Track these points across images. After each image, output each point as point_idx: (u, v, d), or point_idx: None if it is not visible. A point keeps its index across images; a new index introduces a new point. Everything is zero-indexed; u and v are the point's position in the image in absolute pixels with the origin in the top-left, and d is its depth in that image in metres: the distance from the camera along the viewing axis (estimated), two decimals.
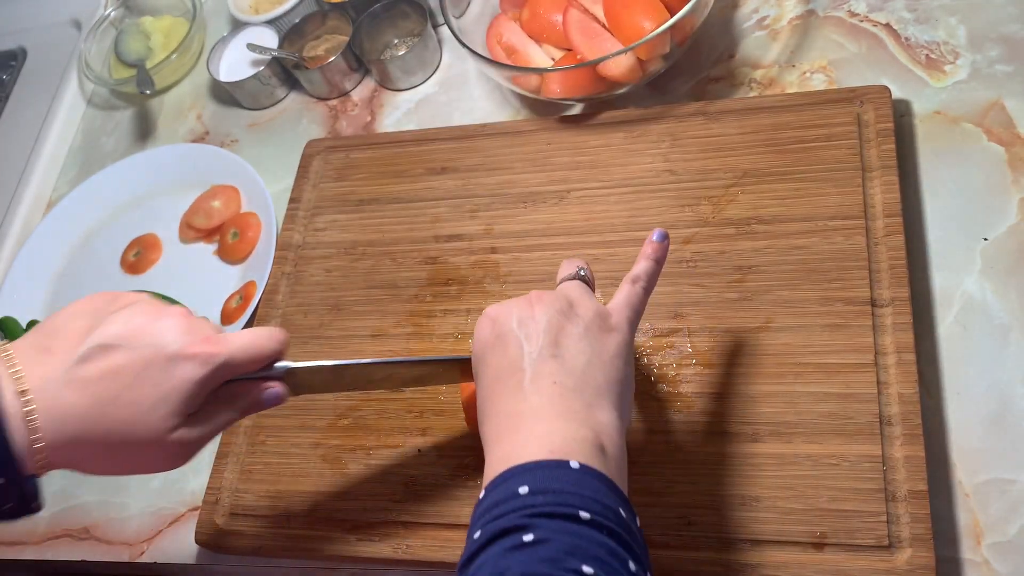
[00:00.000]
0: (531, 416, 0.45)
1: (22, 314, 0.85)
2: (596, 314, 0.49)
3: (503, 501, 0.41)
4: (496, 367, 0.48)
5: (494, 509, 0.41)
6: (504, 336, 0.49)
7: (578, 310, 0.49)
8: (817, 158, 0.66)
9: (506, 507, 0.40)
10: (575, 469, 0.41)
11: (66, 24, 1.09)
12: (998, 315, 0.60)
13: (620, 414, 0.47)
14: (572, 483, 0.41)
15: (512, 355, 0.48)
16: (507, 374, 0.47)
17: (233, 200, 0.85)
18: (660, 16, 0.70)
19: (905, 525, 0.52)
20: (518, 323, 0.49)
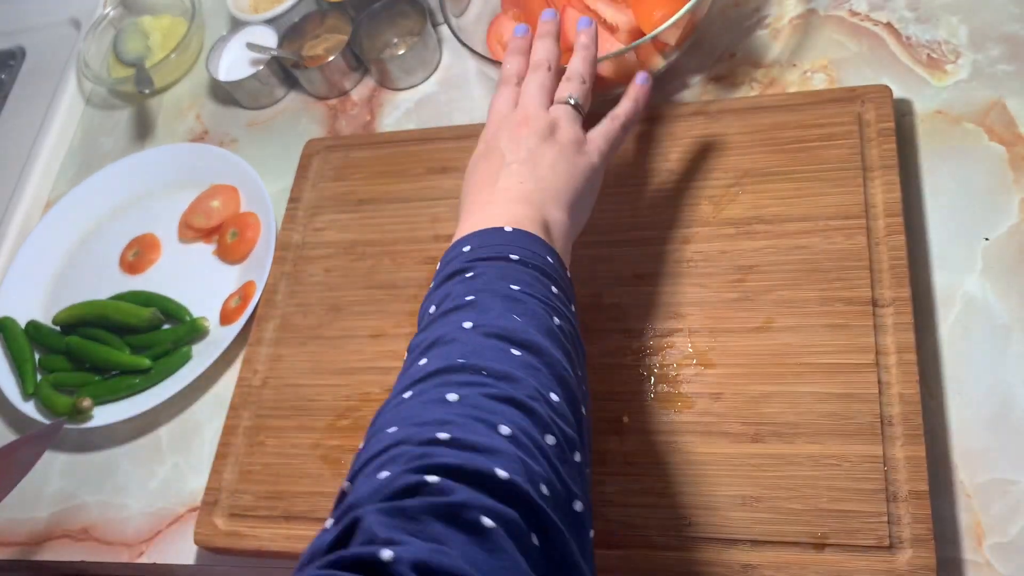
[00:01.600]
0: (492, 203, 0.54)
1: (21, 314, 0.85)
2: (573, 139, 0.58)
3: (453, 258, 0.51)
4: (481, 172, 0.58)
5: (445, 265, 0.51)
6: (492, 150, 0.58)
7: (558, 135, 0.58)
8: (818, 158, 0.66)
9: (454, 260, 0.50)
10: (509, 231, 0.51)
11: (65, 24, 1.08)
12: (999, 315, 0.60)
13: (571, 218, 0.56)
14: (506, 239, 0.50)
15: (494, 164, 0.57)
16: (486, 176, 0.57)
17: (232, 200, 0.84)
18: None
19: (906, 526, 0.52)
20: (506, 141, 0.58)
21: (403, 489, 0.35)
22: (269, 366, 0.73)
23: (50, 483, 0.77)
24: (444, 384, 0.40)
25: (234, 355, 0.77)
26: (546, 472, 0.38)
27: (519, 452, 0.37)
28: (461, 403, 0.39)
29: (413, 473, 0.35)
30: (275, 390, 0.72)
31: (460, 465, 0.35)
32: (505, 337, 0.43)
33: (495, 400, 0.40)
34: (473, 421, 0.38)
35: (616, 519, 0.58)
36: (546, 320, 0.46)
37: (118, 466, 0.75)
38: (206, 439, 0.74)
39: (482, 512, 0.34)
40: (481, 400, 0.39)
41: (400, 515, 0.33)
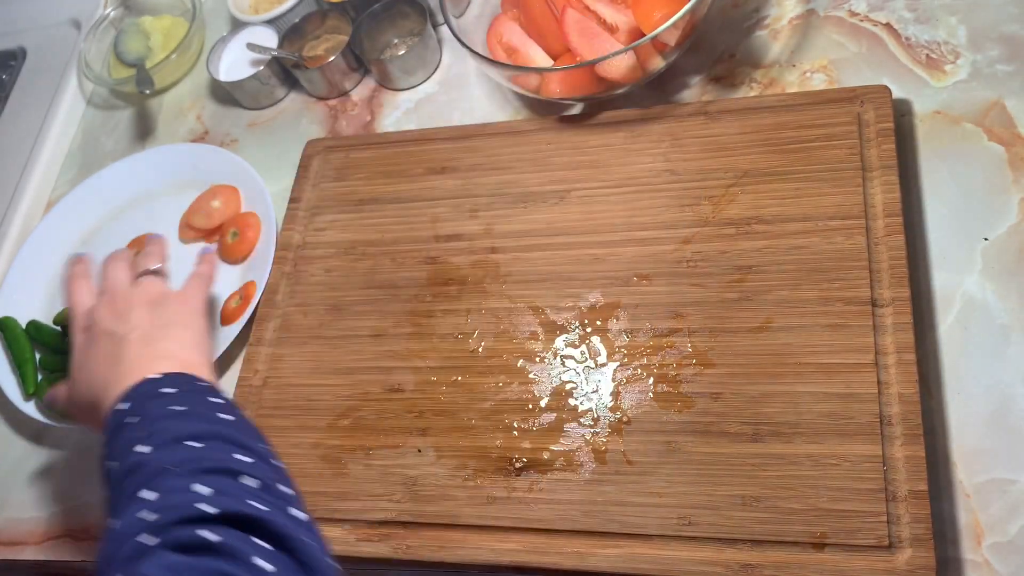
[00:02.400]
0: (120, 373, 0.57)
1: (21, 314, 0.85)
2: (174, 298, 0.64)
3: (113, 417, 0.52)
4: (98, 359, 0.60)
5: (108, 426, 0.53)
6: (98, 336, 0.61)
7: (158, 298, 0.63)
8: (817, 158, 0.66)
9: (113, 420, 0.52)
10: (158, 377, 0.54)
11: (66, 24, 1.09)
12: (999, 315, 0.60)
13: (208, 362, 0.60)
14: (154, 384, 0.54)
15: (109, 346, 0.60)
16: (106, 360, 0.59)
17: (233, 200, 0.84)
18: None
19: (905, 525, 0.52)
20: (109, 322, 0.61)
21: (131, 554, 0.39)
22: (270, 366, 0.73)
23: (51, 483, 0.77)
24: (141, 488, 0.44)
25: (234, 355, 0.77)
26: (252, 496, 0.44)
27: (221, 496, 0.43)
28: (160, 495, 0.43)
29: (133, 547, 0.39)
30: (276, 390, 0.72)
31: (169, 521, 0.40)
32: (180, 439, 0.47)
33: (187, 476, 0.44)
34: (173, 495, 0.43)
35: (616, 519, 0.58)
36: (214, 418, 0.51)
37: None
38: None
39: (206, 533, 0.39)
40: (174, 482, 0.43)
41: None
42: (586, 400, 0.63)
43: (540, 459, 0.62)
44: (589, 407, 0.63)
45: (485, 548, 0.60)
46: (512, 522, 0.60)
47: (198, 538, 0.37)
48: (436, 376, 0.68)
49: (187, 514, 0.39)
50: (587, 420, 0.62)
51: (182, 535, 0.37)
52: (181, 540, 0.37)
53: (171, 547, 0.37)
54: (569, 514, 0.59)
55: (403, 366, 0.69)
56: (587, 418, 0.62)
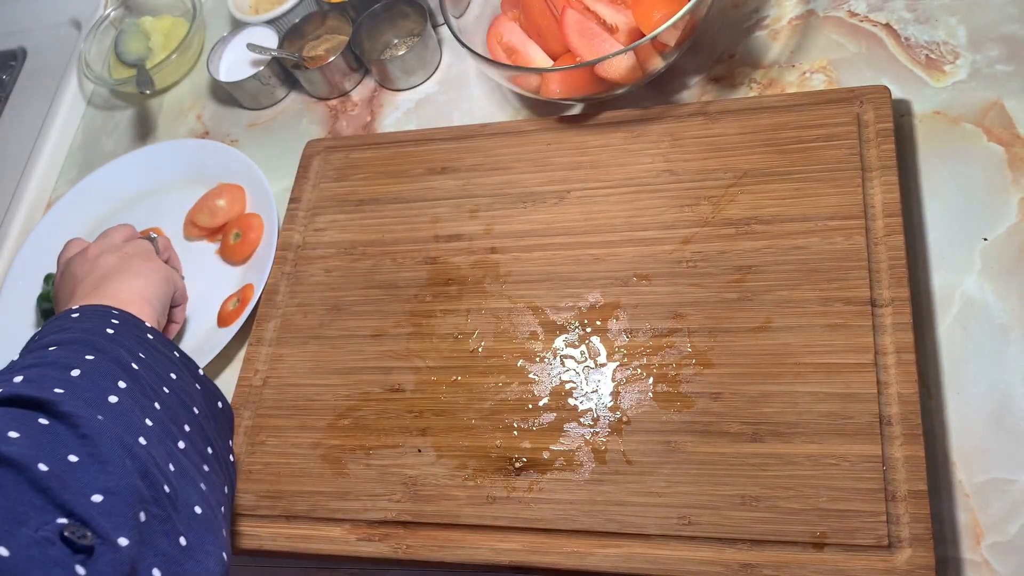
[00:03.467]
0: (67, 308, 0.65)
1: (22, 313, 0.85)
2: (143, 253, 0.73)
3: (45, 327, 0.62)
4: (59, 297, 0.72)
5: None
6: (66, 275, 0.72)
7: (128, 250, 0.73)
8: (817, 158, 0.66)
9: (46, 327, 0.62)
10: (73, 314, 0.61)
11: (66, 24, 1.09)
12: (998, 315, 0.60)
13: (151, 307, 0.68)
14: (66, 317, 0.61)
15: (70, 286, 0.70)
16: (64, 299, 0.70)
17: (238, 200, 0.84)
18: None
19: (905, 525, 0.52)
20: (77, 265, 0.71)
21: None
22: (270, 366, 0.73)
23: None
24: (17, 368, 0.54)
25: (234, 355, 0.77)
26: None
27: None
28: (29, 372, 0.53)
29: None
30: (276, 390, 0.72)
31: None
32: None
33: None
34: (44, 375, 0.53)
35: (616, 519, 0.58)
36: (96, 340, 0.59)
37: None
38: None
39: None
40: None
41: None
42: (586, 400, 0.63)
43: (540, 459, 0.62)
44: (589, 407, 0.63)
45: (485, 548, 0.60)
46: (512, 522, 0.60)
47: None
48: (436, 376, 0.68)
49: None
50: (587, 420, 0.62)
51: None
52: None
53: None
54: (569, 514, 0.59)
55: (403, 366, 0.69)
56: (587, 418, 0.62)
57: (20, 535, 0.39)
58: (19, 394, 0.47)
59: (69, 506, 0.42)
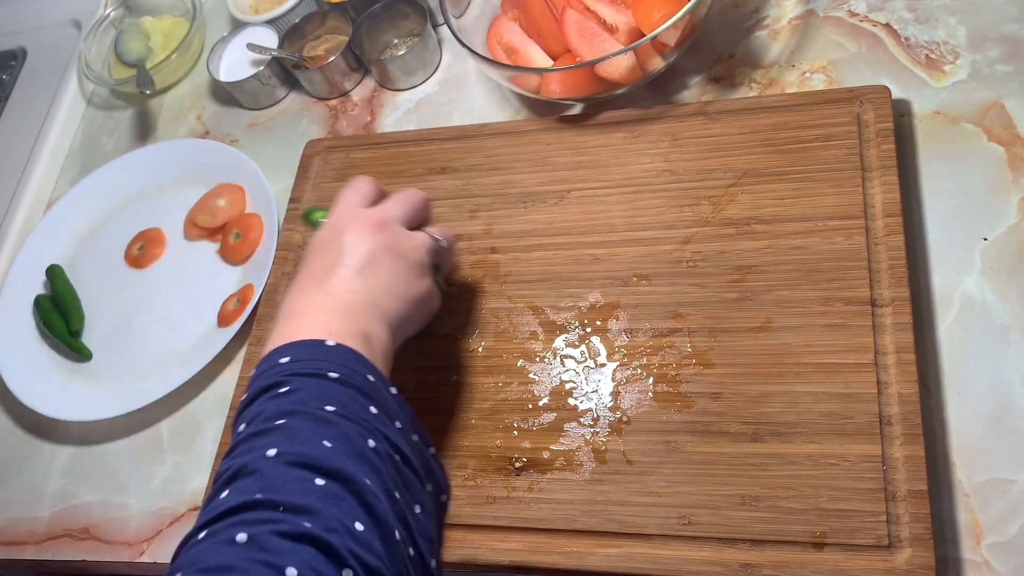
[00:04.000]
0: (315, 310, 0.52)
1: (23, 312, 0.85)
2: (419, 263, 0.57)
3: (269, 368, 0.48)
4: (315, 265, 0.56)
5: (261, 375, 0.48)
6: (333, 242, 0.56)
7: (407, 252, 0.57)
8: (817, 158, 0.66)
9: (270, 372, 0.48)
10: (331, 346, 0.49)
11: (66, 24, 1.09)
12: (998, 315, 0.60)
13: (394, 337, 0.55)
14: (326, 354, 0.49)
15: (330, 259, 0.55)
16: (319, 270, 0.55)
17: (238, 200, 0.84)
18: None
19: (905, 525, 0.52)
20: (352, 237, 0.56)
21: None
22: None
23: (51, 483, 0.77)
24: (237, 524, 0.39)
25: (234, 354, 0.77)
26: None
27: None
28: (249, 545, 0.38)
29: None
30: None
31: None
32: (310, 466, 0.42)
33: (287, 538, 0.38)
34: (257, 565, 0.37)
35: (616, 519, 0.58)
36: (359, 443, 0.44)
37: (119, 466, 0.76)
38: (207, 438, 0.74)
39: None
40: (271, 540, 0.38)
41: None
42: (586, 400, 0.63)
43: (540, 459, 0.62)
44: (589, 407, 0.63)
45: (485, 548, 0.60)
46: (512, 522, 0.60)
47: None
48: (436, 376, 0.68)
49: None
50: (587, 420, 0.62)
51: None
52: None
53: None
54: (569, 514, 0.59)
55: (403, 366, 0.69)
56: (587, 418, 0.62)
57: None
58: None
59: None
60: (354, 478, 0.42)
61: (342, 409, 0.45)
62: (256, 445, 0.43)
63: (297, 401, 0.45)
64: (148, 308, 0.83)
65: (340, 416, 0.45)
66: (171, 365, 0.78)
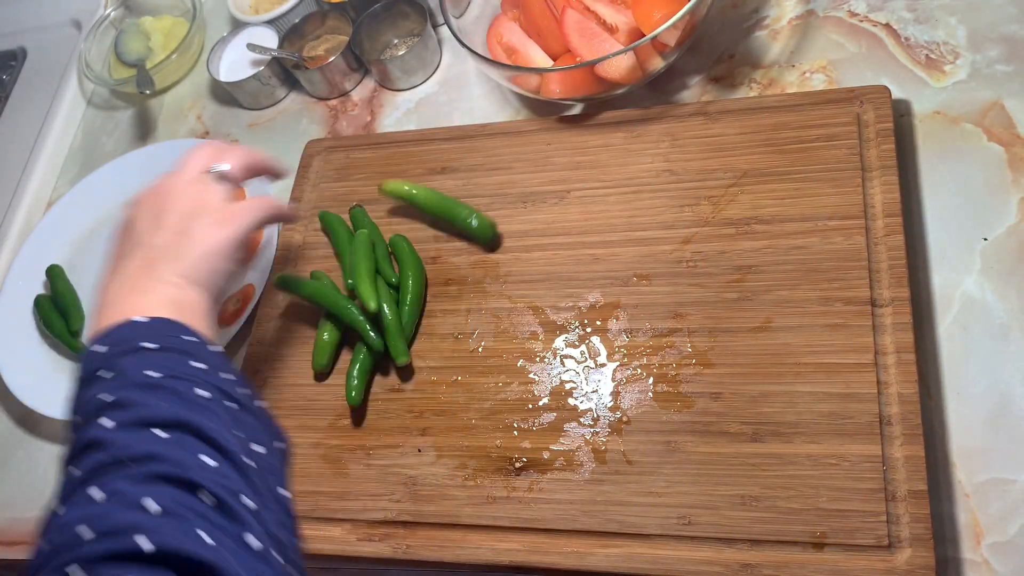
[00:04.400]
0: (121, 296, 0.54)
1: (24, 311, 0.85)
2: (215, 210, 0.59)
3: (90, 362, 0.49)
4: (119, 247, 0.58)
5: (84, 370, 0.49)
6: (131, 221, 0.59)
7: (206, 201, 0.59)
8: (817, 158, 0.66)
9: (91, 363, 0.49)
10: (143, 321, 0.51)
11: (66, 24, 1.09)
12: (998, 315, 0.60)
13: (208, 292, 0.56)
14: (139, 330, 0.50)
15: (130, 240, 0.58)
16: (121, 253, 0.57)
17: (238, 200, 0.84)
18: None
19: (905, 525, 0.52)
20: (145, 213, 0.58)
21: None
22: (270, 366, 0.73)
23: (51, 482, 0.77)
24: (91, 485, 0.42)
25: (234, 354, 0.77)
26: (204, 526, 0.40)
27: (167, 519, 0.39)
28: (107, 498, 0.40)
29: (56, 574, 0.37)
30: (276, 390, 0.72)
31: (101, 553, 0.38)
32: (147, 423, 0.44)
33: (139, 482, 0.41)
34: (118, 508, 0.40)
35: (616, 519, 0.58)
36: (189, 395, 0.47)
37: None
38: None
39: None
40: (125, 486, 0.41)
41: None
42: (586, 400, 0.63)
43: (540, 459, 0.62)
44: (589, 407, 0.63)
45: (485, 548, 0.60)
46: (512, 522, 0.60)
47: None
48: (436, 376, 0.68)
49: (121, 548, 0.38)
50: (587, 420, 0.62)
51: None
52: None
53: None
54: (569, 514, 0.59)
55: (403, 366, 0.69)
56: (587, 418, 0.62)
57: None
58: (174, 549, 0.39)
59: None
60: (191, 421, 0.45)
61: (166, 372, 0.48)
62: (94, 423, 0.45)
63: (121, 379, 0.47)
64: None
65: (166, 377, 0.47)
66: None
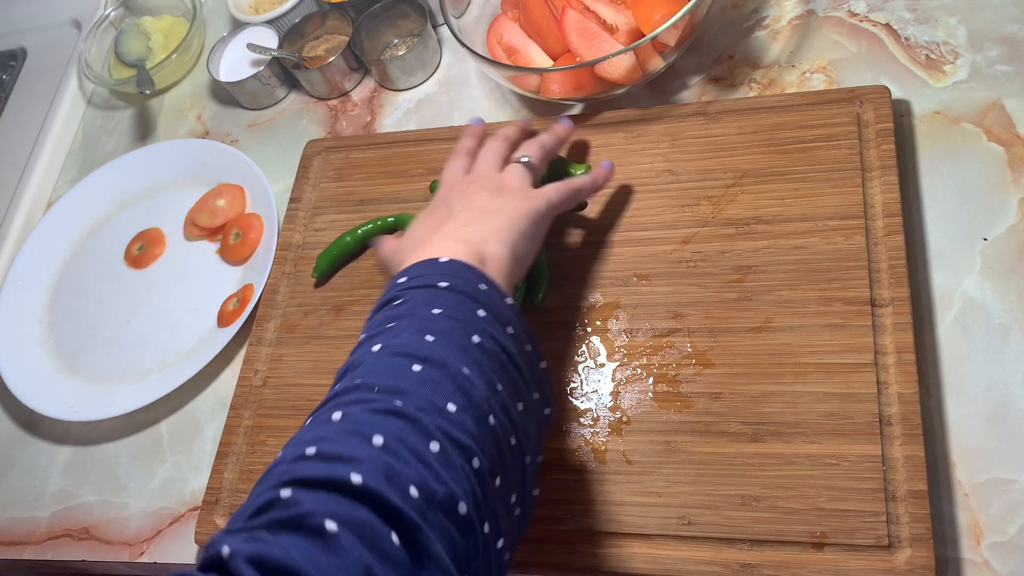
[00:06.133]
0: (432, 242, 0.56)
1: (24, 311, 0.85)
2: (519, 188, 0.61)
3: (389, 289, 0.52)
4: (426, 223, 0.60)
5: (383, 296, 0.52)
6: (439, 205, 0.61)
7: (505, 187, 0.61)
8: (817, 158, 0.66)
9: (389, 291, 0.51)
10: (444, 261, 0.52)
11: (66, 24, 1.09)
12: (998, 315, 0.60)
13: (511, 254, 0.56)
14: (438, 268, 0.51)
15: (440, 216, 0.60)
16: (430, 225, 0.59)
17: (238, 200, 0.85)
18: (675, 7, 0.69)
19: (905, 525, 0.52)
20: (455, 197, 0.61)
21: (258, 508, 0.37)
22: (270, 366, 0.73)
23: (51, 483, 0.77)
24: (335, 405, 0.43)
25: (234, 355, 0.77)
26: (420, 476, 0.39)
27: (388, 458, 0.39)
28: (343, 420, 0.41)
29: (271, 489, 0.38)
30: (276, 390, 0.72)
31: (314, 476, 0.38)
32: (409, 355, 0.45)
33: (377, 413, 0.41)
34: (347, 435, 0.40)
35: (616, 518, 0.58)
36: (461, 338, 0.46)
37: (119, 466, 0.76)
38: (207, 439, 0.74)
39: (327, 517, 0.35)
40: (363, 415, 0.41)
41: (248, 531, 0.36)
42: (586, 400, 0.63)
43: None
44: (589, 407, 0.63)
45: None
46: None
47: (315, 525, 0.35)
48: None
49: (334, 476, 0.37)
50: (587, 420, 0.62)
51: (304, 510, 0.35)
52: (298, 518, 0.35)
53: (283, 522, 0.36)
54: (569, 514, 0.59)
55: None
56: (587, 418, 0.62)
57: None
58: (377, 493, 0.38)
59: None
60: (451, 364, 0.44)
61: (448, 311, 0.48)
62: (365, 346, 0.47)
63: (407, 308, 0.48)
64: (148, 308, 0.83)
65: (446, 317, 0.47)
66: (171, 365, 0.78)
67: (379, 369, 0.44)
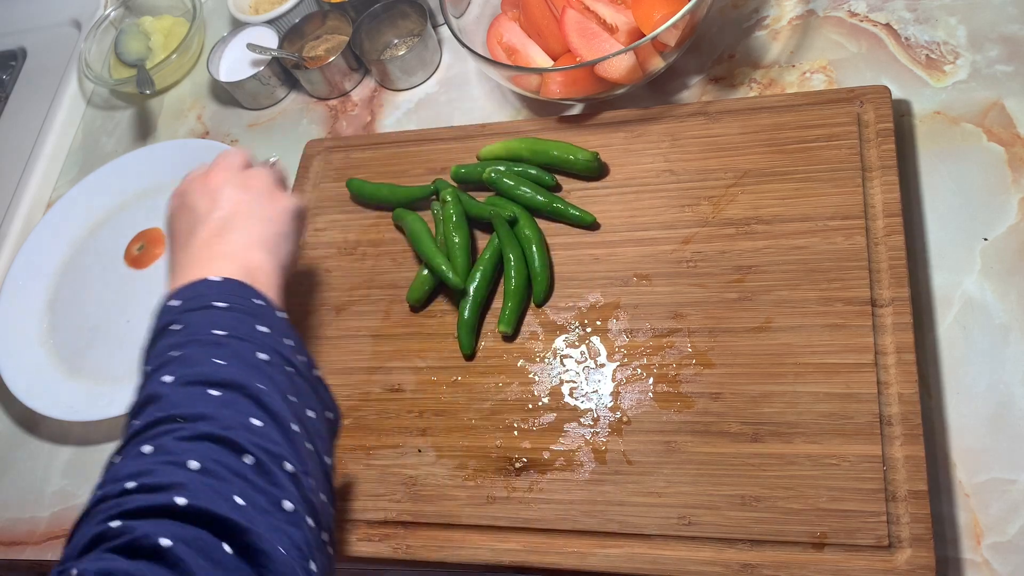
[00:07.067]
0: (198, 259, 0.57)
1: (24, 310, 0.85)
2: (266, 187, 0.62)
3: (163, 314, 0.53)
4: (178, 229, 0.61)
5: (157, 320, 0.53)
6: (183, 207, 0.62)
7: (251, 184, 0.62)
8: (817, 158, 0.66)
9: (164, 316, 0.52)
10: (216, 281, 0.53)
11: (66, 24, 1.09)
12: (998, 315, 0.60)
13: (279, 263, 0.58)
14: (211, 288, 0.53)
15: (189, 219, 0.60)
16: (183, 232, 0.60)
17: None
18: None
19: (905, 525, 0.52)
20: (197, 196, 0.61)
21: (89, 542, 0.38)
22: None
23: (51, 483, 0.77)
24: (143, 440, 0.44)
25: None
26: (239, 487, 0.41)
27: (206, 478, 0.41)
28: (156, 452, 0.42)
29: (99, 525, 0.39)
30: None
31: (140, 506, 0.39)
32: (203, 382, 0.46)
33: (187, 440, 0.43)
34: (163, 464, 0.41)
35: (616, 518, 0.58)
36: (250, 357, 0.49)
37: None
38: None
39: (160, 536, 0.37)
40: (174, 444, 0.43)
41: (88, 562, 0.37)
42: (586, 400, 0.63)
43: (540, 459, 0.62)
44: (589, 407, 0.63)
45: (485, 548, 0.60)
46: (512, 522, 0.60)
47: (150, 544, 0.37)
48: (436, 376, 0.68)
49: (159, 503, 0.39)
50: (587, 420, 0.62)
51: (138, 535, 0.37)
52: (134, 542, 0.37)
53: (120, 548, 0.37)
54: (569, 514, 0.59)
55: (403, 366, 0.69)
56: (587, 418, 0.62)
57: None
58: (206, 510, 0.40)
59: None
60: (246, 384, 0.46)
61: (231, 331, 0.49)
62: (156, 378, 0.47)
63: (188, 333, 0.50)
64: (148, 308, 0.83)
65: (230, 337, 0.49)
66: None
67: (177, 400, 0.45)
